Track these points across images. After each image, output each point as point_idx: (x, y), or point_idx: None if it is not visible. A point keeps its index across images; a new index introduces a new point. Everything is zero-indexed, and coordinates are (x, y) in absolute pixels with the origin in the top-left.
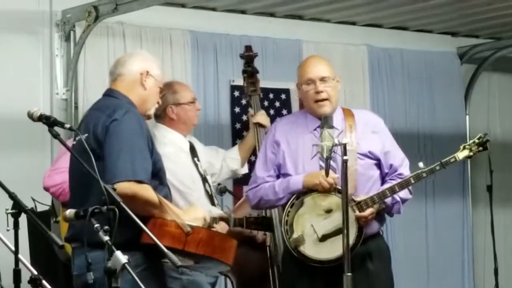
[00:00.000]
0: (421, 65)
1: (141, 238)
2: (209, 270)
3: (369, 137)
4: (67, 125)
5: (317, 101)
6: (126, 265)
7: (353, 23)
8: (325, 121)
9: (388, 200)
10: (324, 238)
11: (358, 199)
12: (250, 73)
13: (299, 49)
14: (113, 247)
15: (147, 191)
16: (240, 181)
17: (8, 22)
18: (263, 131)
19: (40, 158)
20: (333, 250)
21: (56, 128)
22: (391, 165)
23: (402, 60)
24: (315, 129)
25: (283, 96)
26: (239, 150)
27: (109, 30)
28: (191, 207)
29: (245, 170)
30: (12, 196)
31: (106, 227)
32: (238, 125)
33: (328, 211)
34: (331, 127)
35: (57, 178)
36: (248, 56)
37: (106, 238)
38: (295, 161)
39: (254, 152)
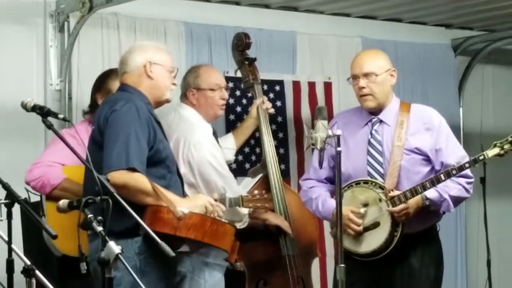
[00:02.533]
0: (415, 57)
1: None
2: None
3: (420, 133)
4: (61, 116)
5: (361, 96)
6: (120, 255)
7: (348, 15)
8: (319, 112)
9: (435, 197)
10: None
11: (392, 194)
12: (251, 61)
13: (294, 41)
14: (107, 238)
15: (139, 180)
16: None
17: (2, 13)
18: (271, 135)
19: (33, 148)
20: (370, 243)
21: (50, 119)
22: (442, 163)
23: (396, 52)
24: (366, 124)
25: (277, 88)
26: (235, 139)
27: (103, 21)
28: (195, 195)
29: (233, 157)
30: (5, 186)
31: (100, 217)
32: (232, 117)
33: (365, 204)
34: (325, 118)
35: (36, 172)
36: (248, 44)
37: (100, 228)
38: (346, 154)
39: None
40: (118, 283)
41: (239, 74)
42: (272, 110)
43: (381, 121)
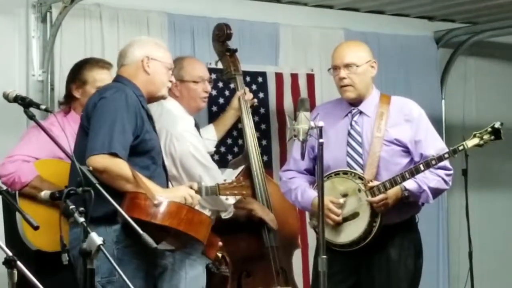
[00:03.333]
0: (397, 49)
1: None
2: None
3: (400, 125)
4: (43, 106)
5: (341, 86)
6: (101, 246)
7: (330, 7)
8: (301, 104)
9: (414, 188)
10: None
11: (371, 184)
12: (232, 52)
13: (276, 33)
14: (88, 229)
15: (119, 165)
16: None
17: None
18: (253, 128)
19: (15, 139)
20: (349, 234)
21: (32, 110)
22: (421, 154)
23: (379, 44)
24: (346, 115)
25: (259, 79)
26: (216, 131)
27: (86, 12)
28: (175, 187)
29: (213, 149)
30: None
31: (82, 208)
32: (214, 108)
33: (345, 195)
34: (307, 110)
35: (9, 167)
36: (229, 35)
37: (82, 219)
38: (326, 145)
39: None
40: (96, 271)
41: (220, 65)
42: (254, 101)
43: (361, 112)
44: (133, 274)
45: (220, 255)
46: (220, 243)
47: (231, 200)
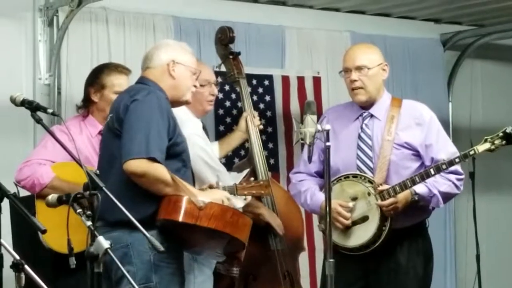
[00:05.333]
0: (404, 52)
1: (157, 215)
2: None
3: (411, 129)
4: (50, 110)
5: (352, 89)
6: (109, 250)
7: (337, 10)
8: (308, 107)
9: (425, 192)
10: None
11: (381, 188)
12: (236, 55)
13: (282, 35)
14: (96, 233)
15: (159, 170)
16: None
17: None
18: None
19: (22, 143)
20: (358, 237)
21: (39, 114)
22: (432, 158)
23: (385, 47)
24: (357, 118)
25: (266, 82)
26: (220, 149)
27: (92, 16)
28: (210, 190)
29: None
30: None
31: (89, 212)
32: (221, 111)
33: (354, 198)
34: (314, 113)
35: (26, 171)
36: (232, 38)
37: (89, 223)
38: (336, 148)
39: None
40: (132, 278)
41: (223, 68)
42: (261, 127)
43: (371, 116)
44: (170, 279)
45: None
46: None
47: (240, 203)
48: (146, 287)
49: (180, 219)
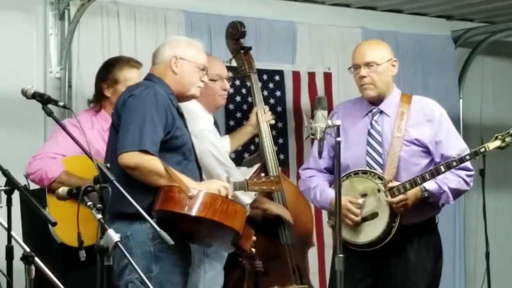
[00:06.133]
0: (415, 48)
1: (153, 206)
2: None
3: (421, 125)
4: (61, 103)
5: (361, 85)
6: (119, 243)
7: (348, 5)
8: (319, 102)
9: (434, 189)
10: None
11: (391, 184)
12: (247, 49)
13: (293, 31)
14: (106, 226)
15: (151, 162)
16: None
17: (3, 1)
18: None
19: (33, 136)
20: (368, 234)
21: (50, 107)
22: (442, 155)
23: (397, 43)
24: (366, 114)
25: (277, 78)
26: (231, 143)
27: (103, 10)
28: (208, 180)
29: None
30: (5, 173)
31: (99, 205)
32: (231, 106)
33: (364, 195)
34: (325, 108)
35: (35, 164)
36: (243, 33)
37: (99, 216)
38: (345, 144)
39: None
40: (132, 269)
41: (233, 63)
42: (272, 122)
43: (381, 112)
44: (171, 269)
45: (254, 250)
46: (254, 237)
47: (248, 199)
48: (147, 278)
49: (171, 208)
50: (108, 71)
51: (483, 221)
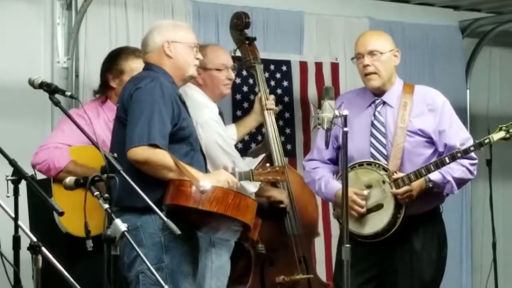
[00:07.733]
0: (422, 38)
1: (163, 200)
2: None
3: (424, 115)
4: (68, 93)
5: (365, 74)
6: (126, 233)
7: None
8: (326, 92)
9: (439, 179)
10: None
11: (395, 176)
12: (251, 40)
13: (301, 21)
14: (113, 215)
15: (161, 156)
16: None
17: None
18: (273, 115)
19: (40, 126)
20: (373, 225)
21: (57, 96)
22: (445, 144)
23: (404, 34)
24: (369, 105)
25: (284, 68)
26: (237, 132)
27: None
28: (216, 171)
29: None
30: (12, 162)
31: (106, 195)
32: (238, 96)
33: (369, 186)
34: (332, 98)
35: (42, 155)
36: (247, 23)
37: (106, 206)
38: (349, 136)
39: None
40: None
41: (238, 54)
42: (277, 110)
43: (384, 103)
44: (180, 259)
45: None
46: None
47: (253, 188)
48: (158, 268)
49: (183, 203)
50: (113, 62)
51: (489, 212)
